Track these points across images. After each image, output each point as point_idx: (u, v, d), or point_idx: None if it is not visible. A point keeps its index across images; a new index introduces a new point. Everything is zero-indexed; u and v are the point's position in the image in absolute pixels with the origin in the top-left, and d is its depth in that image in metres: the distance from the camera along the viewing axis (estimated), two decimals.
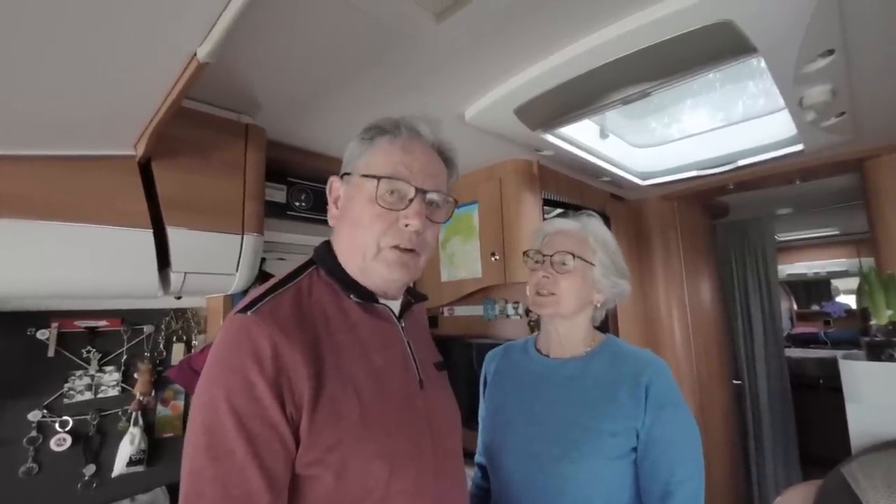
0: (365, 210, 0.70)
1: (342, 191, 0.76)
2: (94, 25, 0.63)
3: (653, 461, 0.86)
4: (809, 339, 4.68)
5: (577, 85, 1.22)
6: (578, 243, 0.99)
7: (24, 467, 1.27)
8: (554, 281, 0.97)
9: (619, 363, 0.95)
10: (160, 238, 1.11)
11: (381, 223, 0.69)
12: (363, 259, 0.71)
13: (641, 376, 0.89)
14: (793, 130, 1.62)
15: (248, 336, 0.60)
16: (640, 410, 0.87)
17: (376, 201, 0.69)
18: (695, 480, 0.86)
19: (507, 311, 1.94)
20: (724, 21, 0.94)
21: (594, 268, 0.99)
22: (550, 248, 0.99)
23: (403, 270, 0.72)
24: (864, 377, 1.39)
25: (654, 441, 0.86)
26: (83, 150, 1.00)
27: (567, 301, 0.97)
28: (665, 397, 0.88)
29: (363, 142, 0.75)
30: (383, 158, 0.71)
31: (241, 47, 1.00)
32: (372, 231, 0.69)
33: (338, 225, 0.76)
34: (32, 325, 1.34)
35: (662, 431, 0.86)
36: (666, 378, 0.91)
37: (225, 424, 0.56)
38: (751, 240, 3.30)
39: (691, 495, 0.84)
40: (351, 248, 0.73)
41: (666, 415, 0.87)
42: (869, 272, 1.52)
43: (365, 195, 0.70)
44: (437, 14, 0.95)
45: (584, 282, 0.98)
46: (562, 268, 0.97)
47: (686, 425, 0.89)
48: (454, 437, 0.80)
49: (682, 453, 0.87)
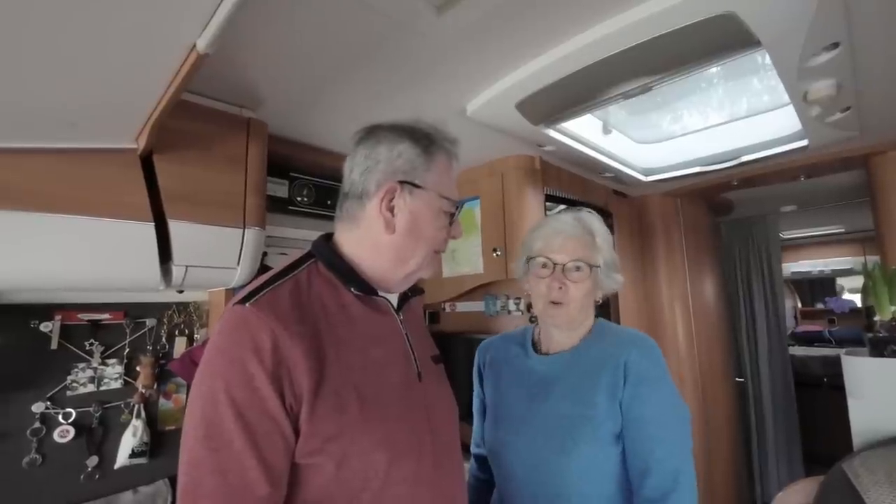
0: (431, 224, 0.76)
1: (407, 200, 0.73)
2: (94, 16, 0.63)
3: (632, 439, 0.85)
4: (813, 337, 4.65)
5: (580, 79, 1.21)
6: (586, 247, 0.96)
7: (27, 458, 1.28)
8: (566, 290, 0.94)
9: (604, 347, 0.94)
10: (162, 231, 1.11)
11: (441, 235, 0.78)
12: (416, 266, 0.76)
13: (621, 357, 0.88)
14: (797, 126, 1.61)
15: (247, 327, 0.60)
16: (619, 389, 0.86)
17: (443, 218, 0.77)
18: (676, 459, 0.83)
19: (508, 306, 1.93)
20: (727, 13, 0.94)
21: (599, 269, 0.97)
22: (562, 255, 0.95)
23: (435, 269, 0.81)
24: (867, 373, 1.38)
25: (633, 419, 0.85)
26: (85, 142, 1.01)
27: (577, 310, 0.96)
28: (644, 374, 0.87)
29: (421, 153, 0.74)
30: (448, 178, 0.79)
31: (243, 41, 1.00)
32: (433, 242, 0.77)
33: (386, 230, 0.73)
34: (36, 318, 1.35)
35: (640, 409, 0.85)
36: (647, 355, 0.89)
37: (224, 415, 0.56)
38: (755, 237, 3.28)
39: (671, 473, 0.81)
40: (401, 254, 0.74)
41: (643, 391, 0.86)
42: (874, 268, 1.51)
43: (434, 211, 0.76)
44: (438, 6, 0.94)
45: (593, 286, 0.97)
46: (575, 275, 0.94)
47: (666, 403, 0.87)
48: (452, 429, 0.81)
49: (661, 431, 0.84)
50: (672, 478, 0.81)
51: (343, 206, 0.77)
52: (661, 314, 2.55)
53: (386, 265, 0.74)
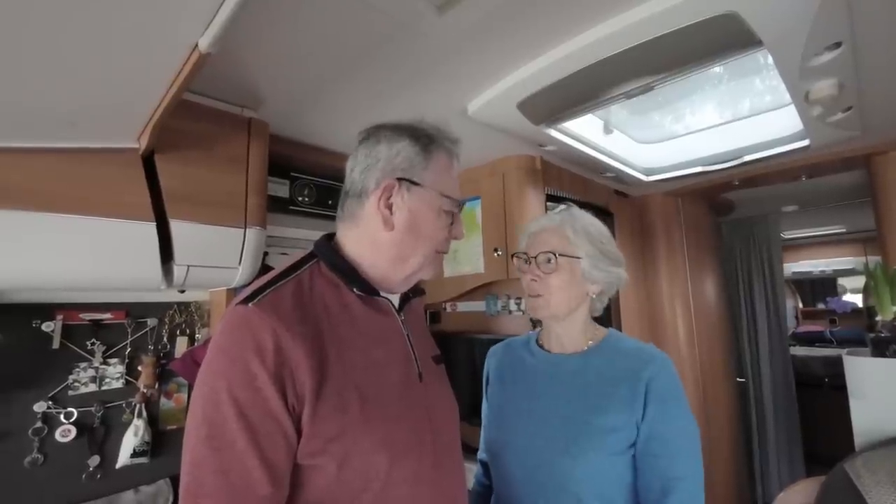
0: (431, 222, 0.75)
1: (405, 197, 0.73)
2: (96, 16, 0.63)
3: (654, 456, 0.86)
4: (815, 337, 4.65)
5: (581, 79, 1.21)
6: (559, 239, 0.97)
7: (29, 458, 1.28)
8: (542, 282, 0.95)
9: (620, 358, 0.94)
10: (163, 231, 1.11)
11: (442, 234, 0.77)
12: (418, 265, 0.75)
13: (643, 371, 0.88)
14: (799, 126, 1.61)
15: (249, 328, 0.60)
16: (639, 405, 0.86)
17: (443, 216, 0.76)
18: (694, 477, 0.86)
19: (509, 306, 1.93)
20: (729, 13, 0.94)
21: (580, 260, 0.96)
22: (534, 248, 0.98)
23: (437, 269, 0.80)
24: (869, 373, 1.38)
25: (655, 436, 0.86)
26: (87, 142, 1.01)
27: (558, 301, 0.95)
28: (667, 393, 0.88)
29: (421, 151, 0.74)
30: (449, 177, 0.78)
31: (244, 41, 1.00)
32: (433, 241, 0.76)
33: (384, 228, 0.73)
34: (38, 318, 1.35)
35: (664, 427, 0.86)
36: (668, 373, 0.90)
37: (226, 415, 0.56)
38: (756, 237, 3.28)
39: (690, 491, 0.84)
40: (401, 253, 0.74)
41: (668, 410, 0.87)
42: (875, 268, 1.51)
43: (435, 209, 0.75)
44: (439, 6, 0.94)
45: (572, 277, 0.96)
46: (546, 266, 0.95)
47: (686, 422, 0.88)
48: (453, 429, 0.81)
49: (682, 449, 0.86)
50: (692, 498, 0.84)
51: (344, 206, 0.77)
52: (662, 314, 2.55)
53: (386, 264, 0.74)
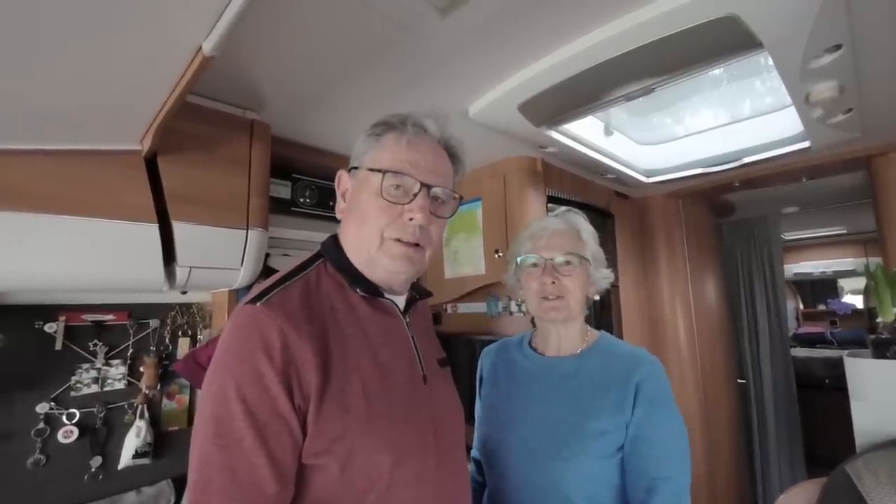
0: (370, 203, 0.72)
1: (350, 185, 0.78)
2: (101, 19, 0.63)
3: (642, 458, 0.87)
4: (815, 338, 4.65)
5: (582, 81, 1.22)
6: (573, 241, 0.99)
7: (31, 458, 1.29)
8: (560, 284, 0.96)
9: (612, 362, 0.95)
10: (166, 232, 1.12)
11: (385, 216, 0.71)
12: (368, 251, 0.72)
13: (634, 374, 0.90)
14: (799, 127, 1.61)
15: (257, 327, 0.61)
16: (629, 407, 0.88)
17: (381, 195, 0.70)
18: (681, 478, 0.87)
19: (510, 307, 1.93)
20: (730, 16, 0.94)
21: (589, 263, 0.99)
22: (548, 250, 0.98)
23: (408, 263, 0.73)
24: (870, 375, 1.38)
25: (643, 438, 0.87)
26: (90, 144, 1.01)
27: (576, 302, 0.97)
28: (656, 395, 0.89)
29: (371, 137, 0.76)
30: (390, 154, 0.73)
31: (247, 43, 1.00)
32: (377, 223, 0.71)
33: (345, 218, 0.78)
34: (40, 319, 1.35)
35: (651, 429, 0.87)
36: (657, 377, 0.91)
37: (234, 413, 0.57)
38: (756, 239, 3.28)
39: (676, 491, 0.85)
40: (357, 240, 0.74)
41: (656, 413, 0.88)
42: (876, 269, 1.51)
43: (371, 189, 0.72)
44: (441, 9, 0.95)
45: (585, 279, 0.99)
46: (566, 269, 0.96)
47: (675, 424, 0.90)
48: (457, 431, 0.81)
49: (668, 451, 0.87)
50: (676, 498, 0.85)
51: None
52: (663, 315, 2.55)
53: (354, 257, 0.74)
